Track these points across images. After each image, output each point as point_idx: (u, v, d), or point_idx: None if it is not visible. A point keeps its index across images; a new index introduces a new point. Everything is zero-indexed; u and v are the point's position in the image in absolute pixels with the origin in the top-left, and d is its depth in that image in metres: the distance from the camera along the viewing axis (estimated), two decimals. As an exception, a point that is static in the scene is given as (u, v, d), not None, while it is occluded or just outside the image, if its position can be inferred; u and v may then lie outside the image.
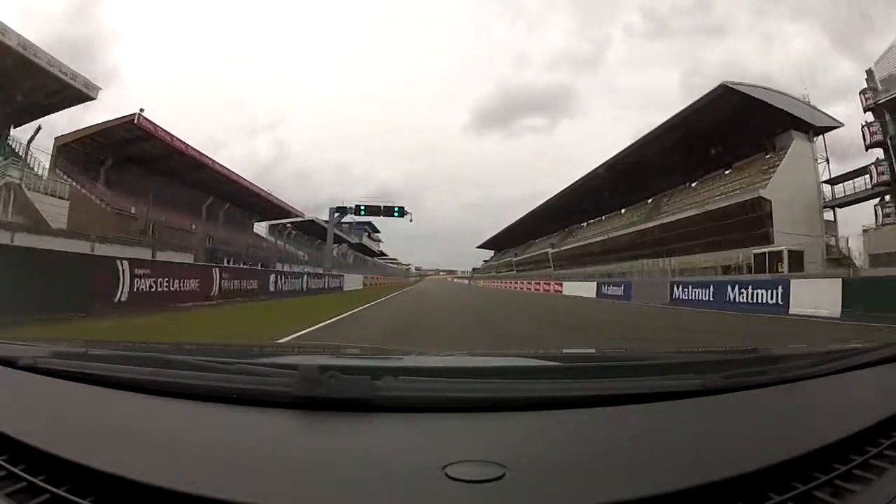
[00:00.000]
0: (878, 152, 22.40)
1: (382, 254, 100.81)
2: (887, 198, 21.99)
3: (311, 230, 49.13)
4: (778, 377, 0.80)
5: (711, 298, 14.31)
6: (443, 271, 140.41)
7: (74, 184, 23.00)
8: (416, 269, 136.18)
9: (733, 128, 26.37)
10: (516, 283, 43.98)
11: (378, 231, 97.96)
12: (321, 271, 26.72)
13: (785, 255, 20.48)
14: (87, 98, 24.18)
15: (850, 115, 24.95)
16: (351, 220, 77.31)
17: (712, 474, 0.48)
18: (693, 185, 33.87)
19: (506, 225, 69.62)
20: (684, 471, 0.51)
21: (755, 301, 12.61)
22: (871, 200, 22.93)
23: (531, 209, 55.25)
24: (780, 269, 19.68)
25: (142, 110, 24.53)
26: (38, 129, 22.91)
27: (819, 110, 25.78)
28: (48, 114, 23.92)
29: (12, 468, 0.52)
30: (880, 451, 0.57)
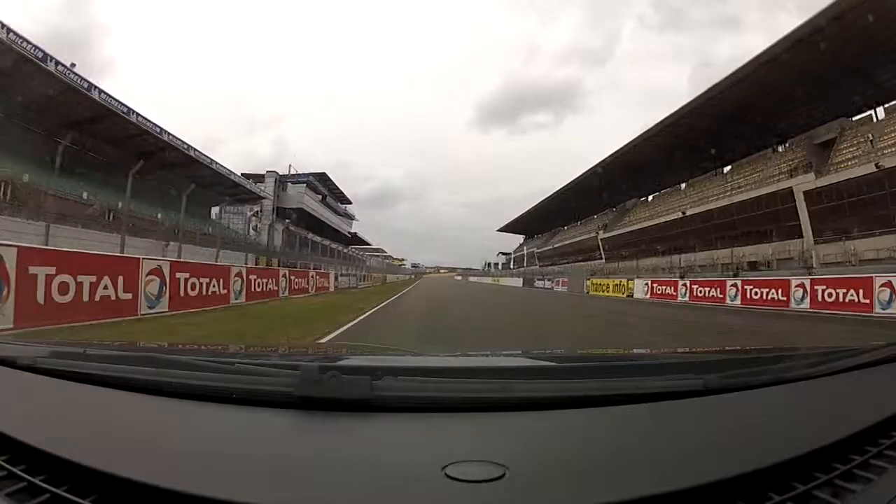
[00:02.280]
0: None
1: (357, 238, 68.74)
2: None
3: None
4: (778, 377, 0.80)
5: None
6: (445, 269, 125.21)
7: None
8: (413, 265, 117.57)
9: None
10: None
11: (349, 202, 64.58)
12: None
13: None
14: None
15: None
16: (294, 174, 43.77)
17: (712, 474, 0.48)
18: None
19: (548, 194, 45.42)
20: (684, 471, 0.51)
21: None
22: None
23: (622, 146, 29.19)
24: None
25: None
26: None
27: None
28: None
29: (12, 468, 0.52)
30: (880, 451, 0.57)
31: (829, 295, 12.46)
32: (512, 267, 72.00)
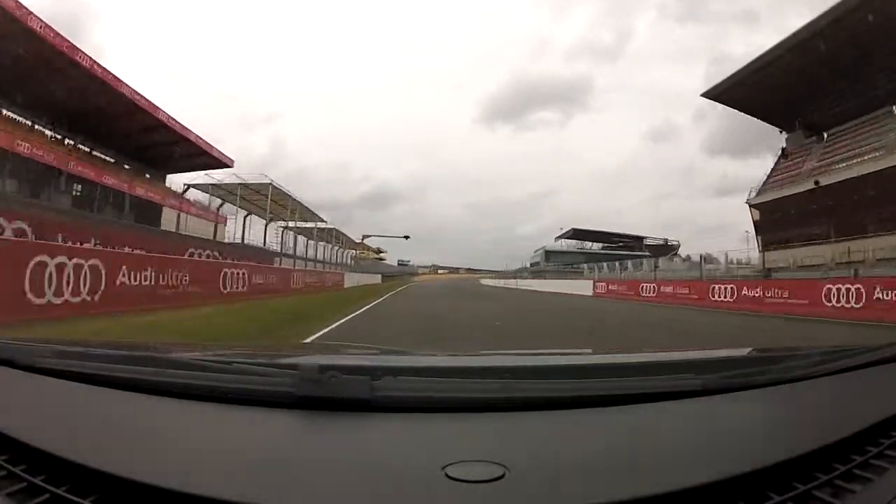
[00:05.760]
0: None
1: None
2: None
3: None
4: (778, 377, 0.80)
5: None
6: (444, 269, 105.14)
7: None
8: (401, 262, 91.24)
9: None
10: None
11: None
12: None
13: None
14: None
15: None
16: None
17: (712, 474, 0.48)
18: None
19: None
20: (684, 471, 0.51)
21: None
22: None
23: None
24: None
25: None
26: None
27: None
28: None
29: (12, 468, 0.52)
30: (881, 451, 0.57)
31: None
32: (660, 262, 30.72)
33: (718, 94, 26.47)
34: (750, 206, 27.45)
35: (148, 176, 25.08)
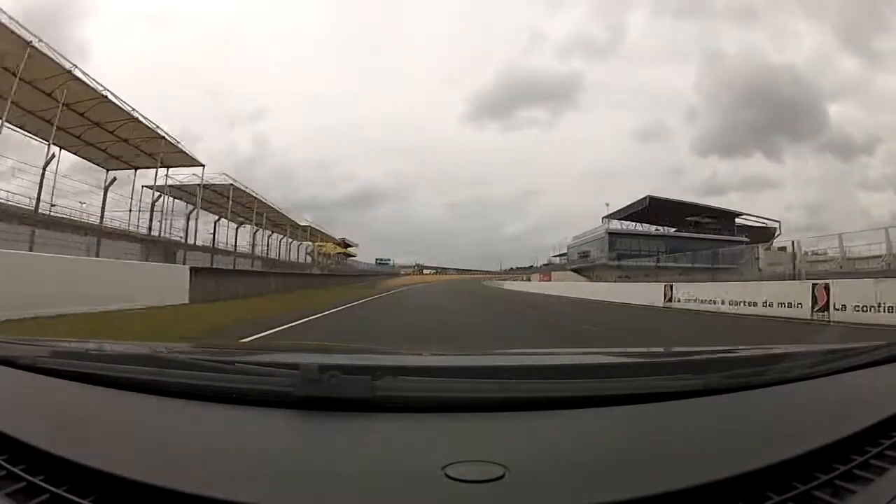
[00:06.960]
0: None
1: None
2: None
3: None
4: (778, 377, 0.80)
5: None
6: (430, 269, 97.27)
7: None
8: (380, 261, 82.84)
9: None
10: None
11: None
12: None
13: None
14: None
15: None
16: None
17: (712, 474, 0.48)
18: None
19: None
20: (684, 471, 0.51)
21: None
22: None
23: None
24: None
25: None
26: None
27: None
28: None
29: (12, 468, 0.52)
30: (881, 451, 0.57)
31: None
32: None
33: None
34: None
35: None
